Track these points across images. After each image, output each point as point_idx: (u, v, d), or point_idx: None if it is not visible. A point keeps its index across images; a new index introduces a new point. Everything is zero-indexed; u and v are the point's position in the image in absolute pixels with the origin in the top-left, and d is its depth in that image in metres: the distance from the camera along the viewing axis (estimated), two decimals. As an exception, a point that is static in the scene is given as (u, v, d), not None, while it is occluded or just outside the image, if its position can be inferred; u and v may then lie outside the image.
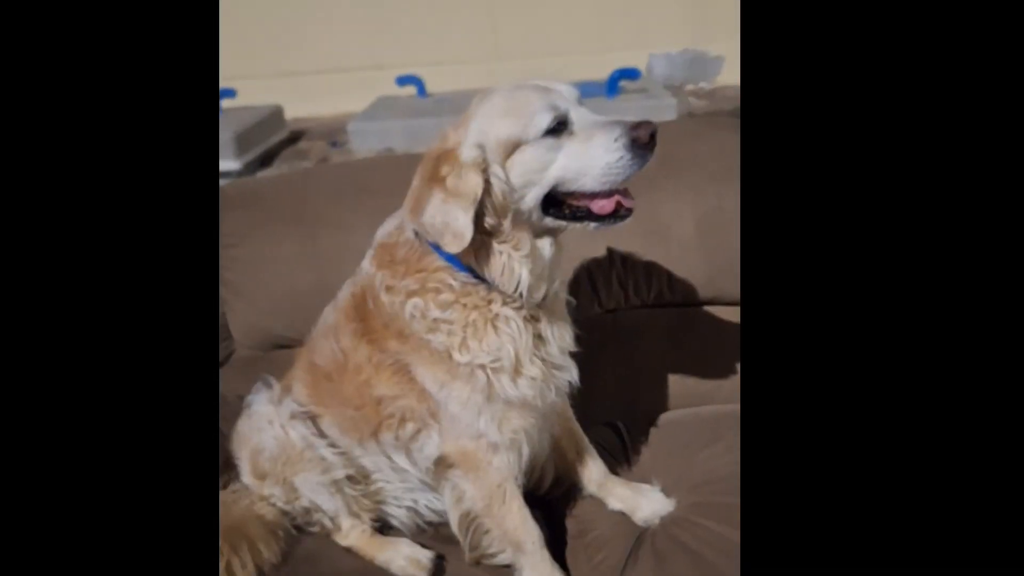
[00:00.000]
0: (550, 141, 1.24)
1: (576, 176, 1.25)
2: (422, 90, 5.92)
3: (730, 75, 6.65)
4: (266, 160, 5.71)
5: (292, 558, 1.53)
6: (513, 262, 1.30)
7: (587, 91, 5.03)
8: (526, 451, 1.47)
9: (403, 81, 5.94)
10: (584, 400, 1.87)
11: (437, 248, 1.30)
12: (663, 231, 1.87)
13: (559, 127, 1.24)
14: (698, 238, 1.87)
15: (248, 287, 1.82)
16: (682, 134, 1.97)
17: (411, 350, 1.38)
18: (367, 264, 1.44)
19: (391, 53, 6.75)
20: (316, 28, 6.85)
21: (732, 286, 1.91)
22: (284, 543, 1.55)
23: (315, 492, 1.56)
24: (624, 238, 1.87)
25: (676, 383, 1.95)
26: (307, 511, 1.60)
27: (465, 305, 1.33)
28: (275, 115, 6.10)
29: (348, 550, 1.60)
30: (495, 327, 1.34)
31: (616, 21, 6.68)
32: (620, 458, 1.79)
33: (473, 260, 1.31)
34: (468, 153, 1.24)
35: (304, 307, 1.77)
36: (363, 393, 1.47)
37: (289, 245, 1.85)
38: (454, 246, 1.23)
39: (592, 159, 1.24)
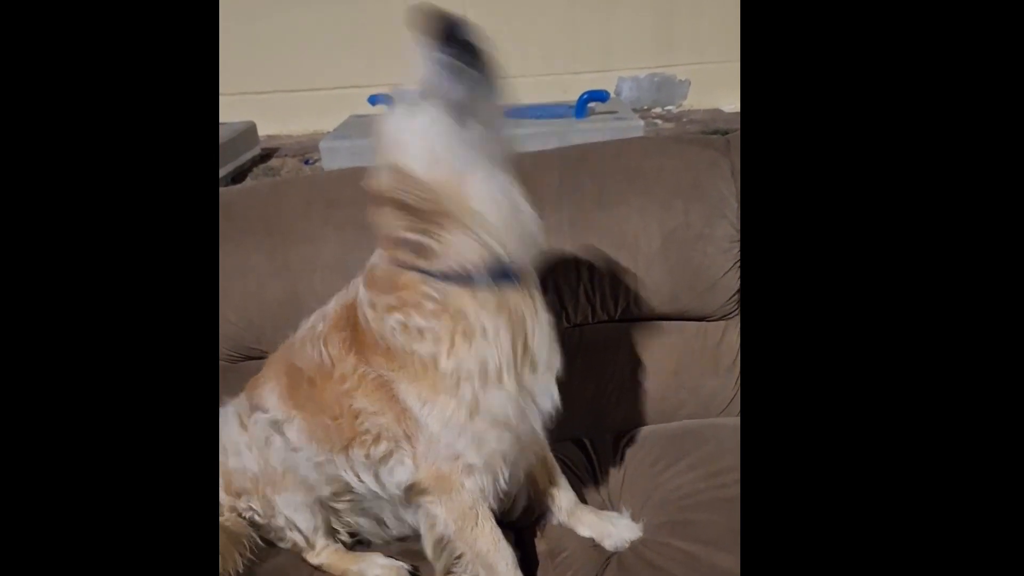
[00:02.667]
0: (412, 113, 1.24)
1: None
2: (395, 110, 5.93)
3: (696, 98, 6.78)
4: (238, 177, 5.67)
5: (259, 572, 1.51)
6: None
7: (557, 113, 5.08)
8: (505, 474, 1.45)
9: (375, 100, 5.95)
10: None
11: None
12: (630, 246, 1.89)
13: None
14: (664, 253, 1.88)
15: (216, 299, 1.81)
16: (650, 150, 2.00)
17: (397, 367, 1.36)
18: (359, 284, 1.45)
19: (364, 73, 6.76)
20: (290, 47, 6.84)
21: (698, 301, 1.93)
22: (248, 555, 1.53)
23: (296, 511, 1.54)
24: (591, 253, 1.89)
25: (642, 398, 1.96)
26: (282, 528, 1.58)
27: (452, 314, 1.32)
28: (248, 132, 6.06)
29: (319, 568, 1.59)
30: (483, 331, 1.32)
31: (585, 45, 6.77)
32: (586, 475, 1.80)
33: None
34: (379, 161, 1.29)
35: (273, 318, 1.77)
36: (342, 403, 1.44)
37: (258, 256, 1.84)
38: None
39: None
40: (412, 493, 1.47)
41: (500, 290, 1.31)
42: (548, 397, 1.44)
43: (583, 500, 1.71)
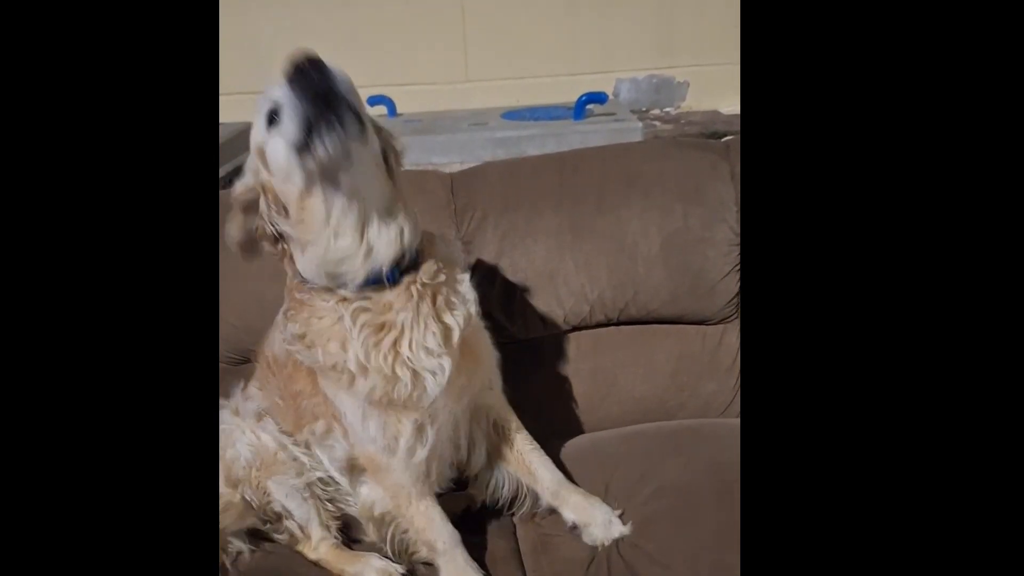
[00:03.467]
0: (271, 132, 1.23)
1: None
2: (392, 110, 5.93)
3: (694, 100, 6.78)
4: (236, 176, 5.67)
5: (254, 572, 1.51)
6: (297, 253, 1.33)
7: (555, 114, 5.07)
8: (420, 454, 1.43)
9: (374, 101, 5.95)
10: (550, 416, 1.88)
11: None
12: (630, 249, 1.90)
13: (272, 116, 1.22)
14: (664, 257, 1.89)
15: (216, 300, 1.81)
16: (650, 154, 2.01)
17: None
18: None
19: (363, 73, 6.75)
20: (289, 47, 6.83)
21: (697, 304, 1.94)
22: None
23: (289, 497, 1.56)
24: (591, 256, 1.90)
25: (641, 399, 1.97)
26: (278, 516, 1.59)
27: (316, 316, 1.34)
28: (247, 132, 6.04)
29: (316, 564, 1.58)
30: (336, 328, 1.32)
31: (584, 46, 6.77)
32: (582, 474, 1.77)
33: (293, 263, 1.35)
34: (248, 162, 1.33)
35: (272, 320, 1.76)
36: (288, 386, 1.51)
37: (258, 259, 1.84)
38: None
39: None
40: (352, 470, 1.53)
41: (362, 294, 1.30)
42: (431, 375, 1.36)
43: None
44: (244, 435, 1.57)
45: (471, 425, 1.62)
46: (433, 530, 1.48)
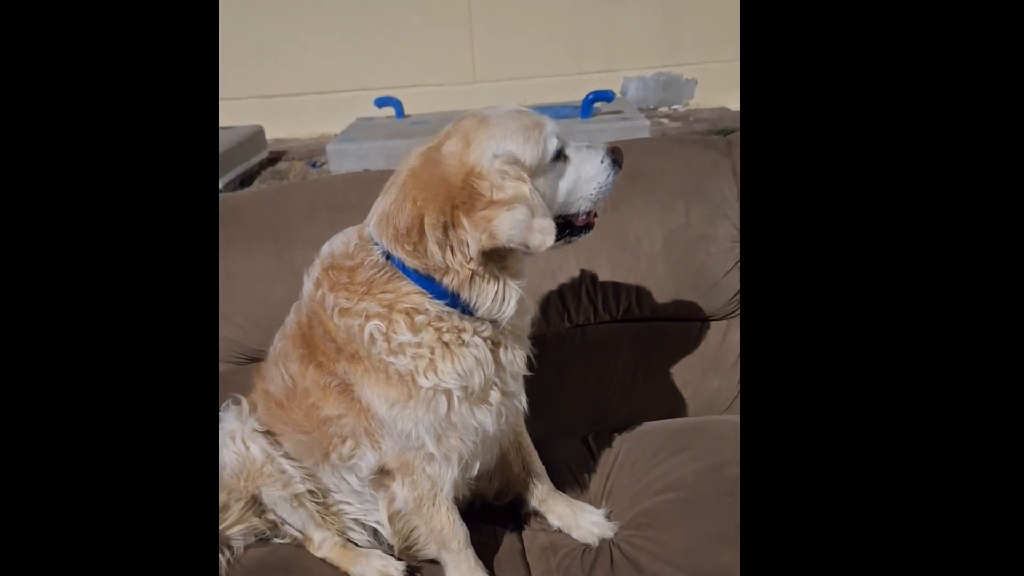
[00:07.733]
0: (557, 166, 1.34)
1: (570, 198, 1.37)
2: (400, 112, 5.96)
3: (702, 97, 6.76)
4: (246, 180, 5.72)
5: (263, 566, 1.53)
6: (508, 289, 1.32)
7: (562, 113, 5.11)
8: (464, 461, 1.48)
9: (382, 103, 5.98)
10: (553, 414, 1.89)
11: (410, 273, 1.31)
12: (632, 247, 1.90)
13: (559, 153, 1.34)
14: (666, 254, 1.90)
15: (223, 301, 1.83)
16: (652, 151, 2.01)
17: (362, 371, 1.36)
18: (311, 287, 1.43)
19: (370, 75, 6.80)
20: (297, 50, 6.88)
21: (700, 301, 1.94)
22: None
23: (278, 506, 1.58)
24: (593, 253, 1.90)
25: (644, 396, 1.98)
26: (275, 525, 1.62)
27: (438, 329, 1.33)
28: (255, 136, 6.10)
29: (323, 561, 1.61)
30: (466, 352, 1.35)
31: (591, 45, 6.78)
32: (584, 469, 1.81)
33: (466, 287, 1.29)
34: (497, 166, 1.26)
35: (279, 321, 1.77)
36: (312, 416, 1.47)
37: (265, 260, 1.86)
38: (548, 240, 1.25)
39: (587, 180, 1.37)
40: (379, 477, 1.51)
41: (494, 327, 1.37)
42: (517, 400, 1.49)
43: (580, 492, 1.72)
44: (232, 443, 1.57)
45: None
46: (450, 530, 1.51)
